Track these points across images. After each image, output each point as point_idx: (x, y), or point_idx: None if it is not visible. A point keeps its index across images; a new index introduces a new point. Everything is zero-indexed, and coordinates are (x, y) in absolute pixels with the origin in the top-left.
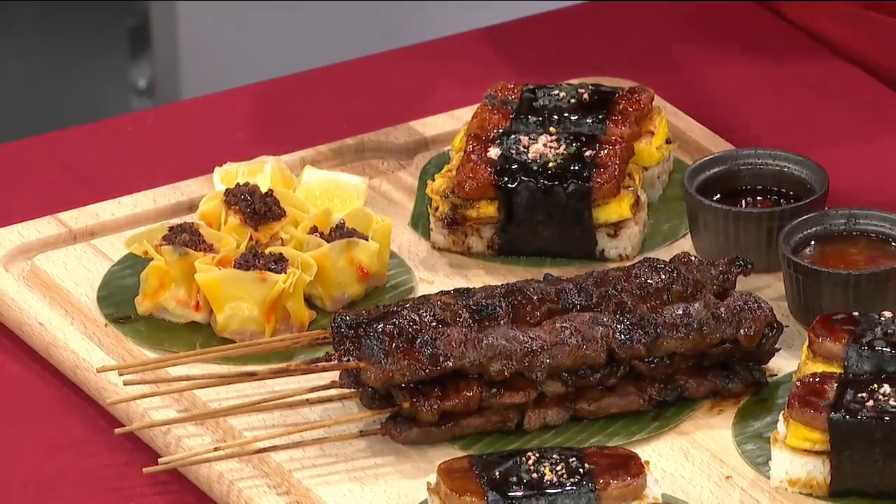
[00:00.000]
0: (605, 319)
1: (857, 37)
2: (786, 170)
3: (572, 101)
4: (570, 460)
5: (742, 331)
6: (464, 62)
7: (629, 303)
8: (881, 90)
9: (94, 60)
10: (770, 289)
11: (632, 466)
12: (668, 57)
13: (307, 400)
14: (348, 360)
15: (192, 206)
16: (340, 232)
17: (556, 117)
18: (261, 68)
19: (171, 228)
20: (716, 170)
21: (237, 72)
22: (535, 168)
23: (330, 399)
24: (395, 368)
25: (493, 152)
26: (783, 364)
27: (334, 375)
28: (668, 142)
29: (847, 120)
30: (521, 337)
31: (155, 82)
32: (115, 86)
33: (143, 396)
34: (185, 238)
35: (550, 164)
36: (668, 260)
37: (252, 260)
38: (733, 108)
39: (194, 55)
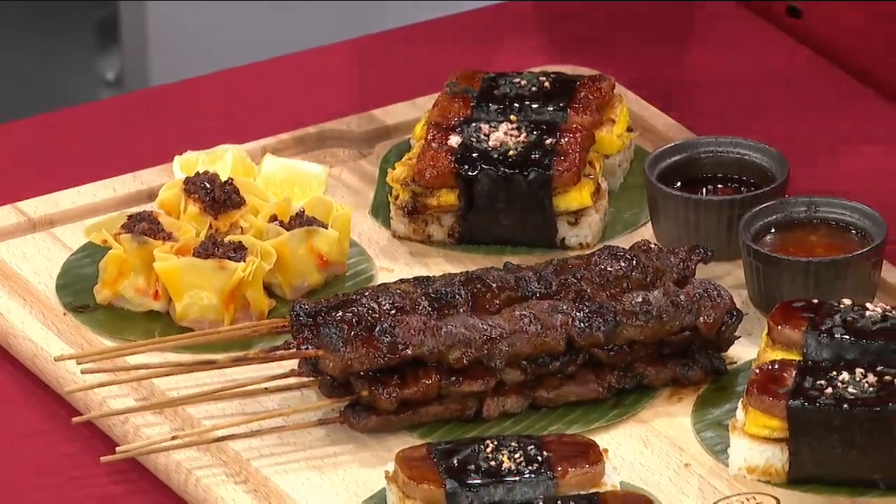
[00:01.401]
0: (564, 307)
1: (821, 24)
2: (746, 157)
3: (533, 89)
4: (529, 448)
5: (701, 318)
6: (426, 51)
7: (589, 290)
8: (843, 78)
9: (63, 53)
10: (730, 276)
11: (590, 454)
12: (630, 46)
13: (266, 388)
14: (307, 348)
15: (152, 195)
16: (300, 220)
17: (516, 105)
18: (229, 60)
19: (130, 217)
20: (676, 158)
21: (205, 64)
22: (495, 156)
23: (289, 387)
24: (353, 356)
25: (454, 140)
26: (743, 352)
27: (293, 364)
28: (629, 130)
29: (808, 108)
30: (480, 325)
31: (123, 74)
32: (83, 78)
33: (101, 385)
34: (144, 227)
35: (511, 152)
36: (627, 248)
37: (211, 248)
38: (694, 96)
39: (163, 47)
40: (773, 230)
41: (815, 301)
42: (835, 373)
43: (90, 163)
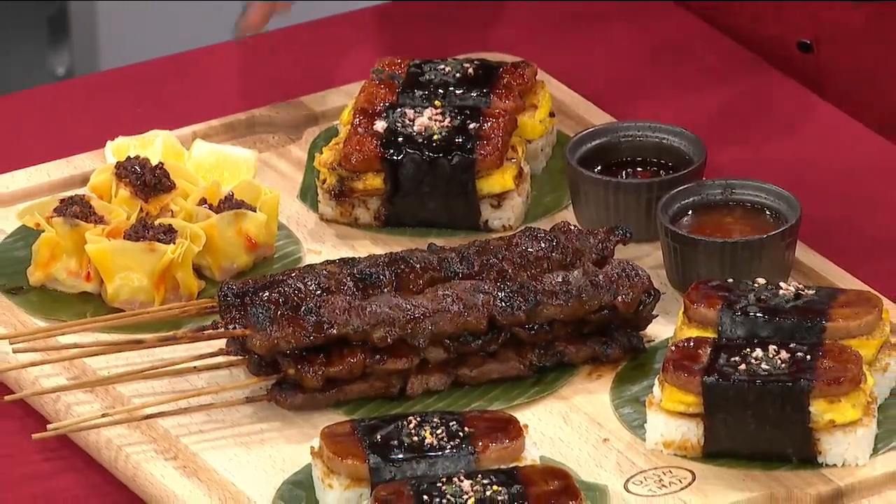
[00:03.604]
0: (486, 287)
1: (734, 9)
2: (665, 141)
3: (458, 75)
4: (451, 424)
5: (620, 297)
6: (354, 39)
7: (510, 271)
8: (758, 63)
9: (14, 49)
10: (650, 257)
11: (510, 430)
12: (552, 33)
13: (195, 367)
14: (234, 327)
15: (85, 180)
16: (229, 203)
17: (441, 91)
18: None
19: (62, 200)
20: (597, 142)
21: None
22: (420, 140)
23: (217, 366)
24: (279, 336)
25: (380, 125)
26: (661, 330)
27: (222, 343)
28: (551, 115)
29: (725, 93)
30: (403, 304)
31: (73, 69)
32: (34, 73)
33: (33, 364)
34: (76, 210)
35: (435, 137)
36: (548, 229)
37: (142, 231)
38: (615, 82)
39: (112, 43)
40: (690, 212)
41: (731, 280)
42: (748, 350)
43: (25, 148)
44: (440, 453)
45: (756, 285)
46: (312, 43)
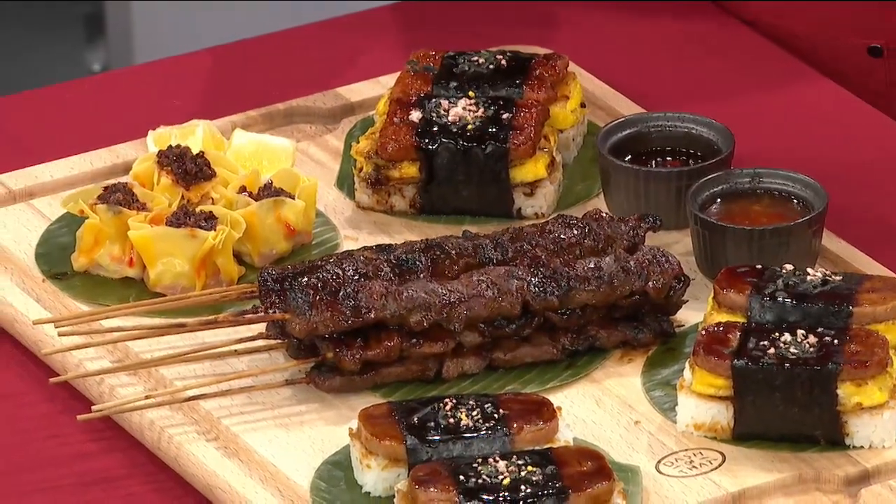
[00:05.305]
0: (519, 273)
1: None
2: (693, 131)
3: (491, 67)
4: (486, 406)
5: (650, 283)
6: (389, 32)
7: (543, 257)
8: (784, 56)
9: (50, 46)
10: (679, 244)
11: (544, 412)
12: (584, 26)
13: (235, 350)
14: (274, 312)
15: (127, 169)
16: (268, 191)
17: (475, 82)
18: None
19: (105, 188)
20: (627, 132)
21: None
22: (454, 130)
23: (257, 350)
24: (318, 320)
25: (415, 115)
26: (690, 315)
27: (261, 327)
28: (582, 106)
29: (752, 84)
30: (439, 290)
31: (109, 66)
32: (70, 69)
33: (78, 347)
34: (119, 197)
35: (469, 127)
36: (580, 216)
37: (183, 218)
38: (645, 73)
39: (147, 40)
40: (718, 200)
41: (759, 266)
42: (777, 334)
43: (69, 138)
44: (476, 435)
45: (784, 271)
46: (349, 35)
